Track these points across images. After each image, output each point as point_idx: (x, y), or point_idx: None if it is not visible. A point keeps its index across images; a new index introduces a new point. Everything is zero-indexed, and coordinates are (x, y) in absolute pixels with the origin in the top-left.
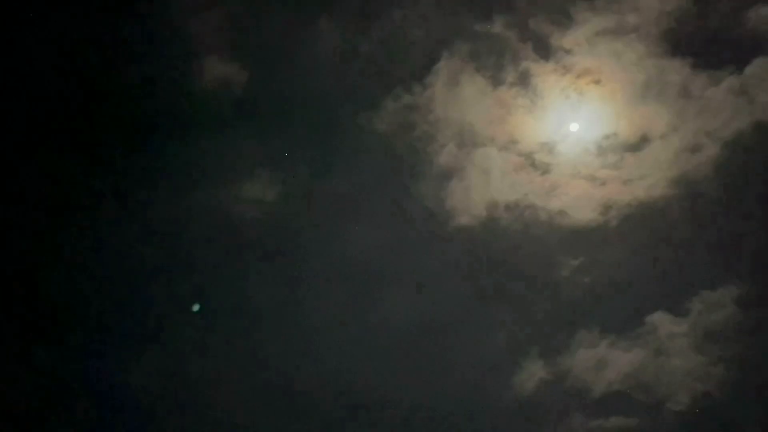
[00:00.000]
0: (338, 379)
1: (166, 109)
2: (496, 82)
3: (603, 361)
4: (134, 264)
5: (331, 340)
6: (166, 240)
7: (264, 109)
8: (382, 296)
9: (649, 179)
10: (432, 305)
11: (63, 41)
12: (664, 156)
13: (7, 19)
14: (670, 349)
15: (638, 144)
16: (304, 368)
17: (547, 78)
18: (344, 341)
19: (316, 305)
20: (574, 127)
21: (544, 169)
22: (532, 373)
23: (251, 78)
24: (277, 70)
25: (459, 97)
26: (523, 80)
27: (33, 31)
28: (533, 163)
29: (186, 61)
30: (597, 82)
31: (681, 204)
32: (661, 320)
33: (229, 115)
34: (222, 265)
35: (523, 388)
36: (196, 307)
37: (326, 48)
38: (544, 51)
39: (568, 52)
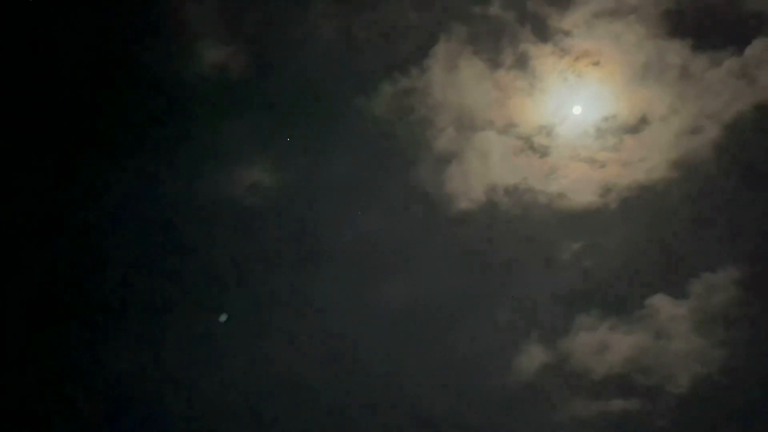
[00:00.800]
0: (339, 362)
1: (162, 97)
2: (495, 65)
3: (603, 344)
4: (135, 252)
5: (333, 323)
6: (166, 227)
7: (261, 95)
8: (381, 281)
9: (648, 161)
10: (432, 289)
11: (58, 28)
12: (664, 138)
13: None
14: (671, 332)
15: (638, 126)
16: (306, 351)
17: (545, 60)
18: (345, 325)
19: (316, 289)
20: (573, 109)
21: (543, 152)
22: (533, 357)
23: (248, 63)
24: (275, 56)
25: (457, 81)
26: (522, 63)
27: (27, 17)
28: (532, 146)
29: (183, 48)
30: (596, 63)
31: (681, 186)
32: (661, 303)
33: (225, 102)
34: (222, 251)
35: (523, 372)
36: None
37: (323, 33)
38: (543, 33)
39: (566, 33)
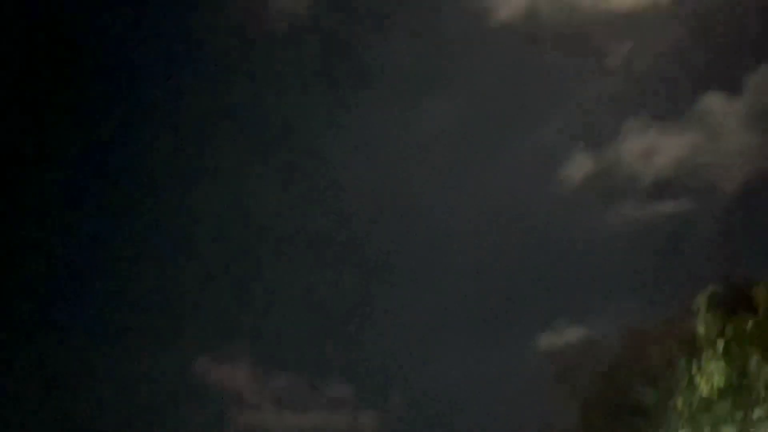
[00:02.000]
0: (381, 185)
1: None
2: None
3: (653, 147)
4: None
5: (374, 145)
6: (191, 55)
7: None
8: (423, 98)
9: None
10: (476, 103)
11: None
12: None
13: None
14: (724, 130)
15: None
16: (346, 176)
17: None
18: (387, 146)
19: (355, 110)
20: None
21: None
22: (582, 162)
23: None
24: None
25: None
26: None
27: None
28: None
29: None
30: None
31: None
32: (713, 101)
33: None
34: (252, 79)
35: (572, 177)
36: None
37: None
38: None
39: None
